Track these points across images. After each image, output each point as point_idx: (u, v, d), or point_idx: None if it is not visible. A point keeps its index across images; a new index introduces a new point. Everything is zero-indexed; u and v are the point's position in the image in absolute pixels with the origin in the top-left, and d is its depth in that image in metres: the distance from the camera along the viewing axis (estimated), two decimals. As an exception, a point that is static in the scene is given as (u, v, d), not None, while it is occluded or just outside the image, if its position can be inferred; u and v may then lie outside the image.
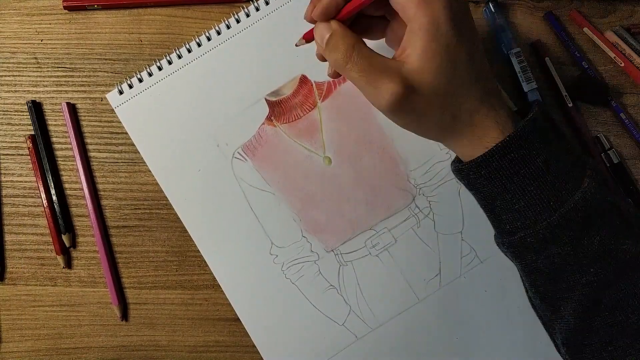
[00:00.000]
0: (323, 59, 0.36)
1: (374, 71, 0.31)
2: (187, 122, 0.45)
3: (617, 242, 0.32)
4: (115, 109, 0.45)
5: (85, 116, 0.47)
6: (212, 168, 0.45)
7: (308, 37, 0.38)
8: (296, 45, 0.39)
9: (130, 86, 0.45)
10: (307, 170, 0.45)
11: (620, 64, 0.45)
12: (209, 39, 0.45)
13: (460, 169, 0.35)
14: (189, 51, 0.45)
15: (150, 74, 0.45)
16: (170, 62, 0.45)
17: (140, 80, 0.45)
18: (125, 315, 0.46)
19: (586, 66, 0.45)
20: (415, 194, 0.45)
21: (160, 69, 0.45)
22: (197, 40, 0.45)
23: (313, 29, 0.35)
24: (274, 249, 0.45)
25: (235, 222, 0.45)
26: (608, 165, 0.45)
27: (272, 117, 0.45)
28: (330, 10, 0.33)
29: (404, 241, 0.45)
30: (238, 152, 0.45)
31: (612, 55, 0.45)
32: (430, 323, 0.45)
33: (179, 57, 0.45)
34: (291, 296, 0.45)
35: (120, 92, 0.45)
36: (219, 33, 0.45)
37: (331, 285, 0.45)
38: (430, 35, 0.30)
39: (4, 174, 0.47)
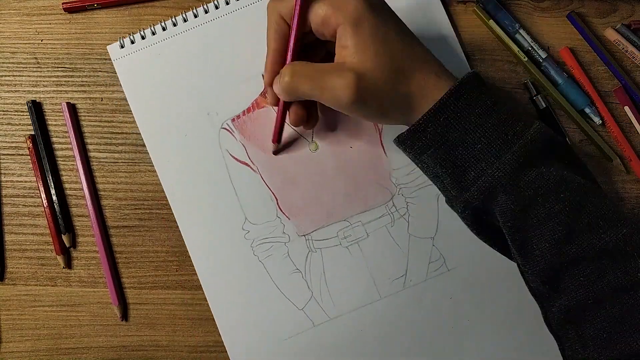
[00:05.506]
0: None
1: (322, 76, 0.35)
2: (182, 86, 0.46)
3: (571, 173, 0.34)
4: (114, 62, 0.46)
5: (85, 116, 0.47)
6: (199, 135, 0.45)
7: (275, 140, 0.43)
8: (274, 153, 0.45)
9: (132, 41, 0.45)
10: (293, 153, 0.45)
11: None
12: (217, 7, 0.45)
13: (419, 124, 0.35)
14: (195, 16, 0.45)
15: (153, 33, 0.45)
16: (174, 24, 0.45)
17: (143, 37, 0.45)
18: (125, 315, 0.46)
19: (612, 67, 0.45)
20: (395, 193, 0.45)
21: (164, 29, 0.45)
22: (205, 7, 0.45)
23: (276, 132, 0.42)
24: (247, 224, 0.45)
25: (212, 191, 0.45)
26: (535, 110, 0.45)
27: (266, 94, 0.45)
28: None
29: (376, 237, 0.45)
30: (227, 123, 0.46)
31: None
32: (388, 322, 0.45)
33: (185, 20, 0.45)
34: (256, 273, 0.45)
35: (122, 46, 0.46)
36: (227, 3, 0.45)
37: (297, 269, 0.45)
38: (355, 31, 0.34)
39: (4, 174, 0.47)
